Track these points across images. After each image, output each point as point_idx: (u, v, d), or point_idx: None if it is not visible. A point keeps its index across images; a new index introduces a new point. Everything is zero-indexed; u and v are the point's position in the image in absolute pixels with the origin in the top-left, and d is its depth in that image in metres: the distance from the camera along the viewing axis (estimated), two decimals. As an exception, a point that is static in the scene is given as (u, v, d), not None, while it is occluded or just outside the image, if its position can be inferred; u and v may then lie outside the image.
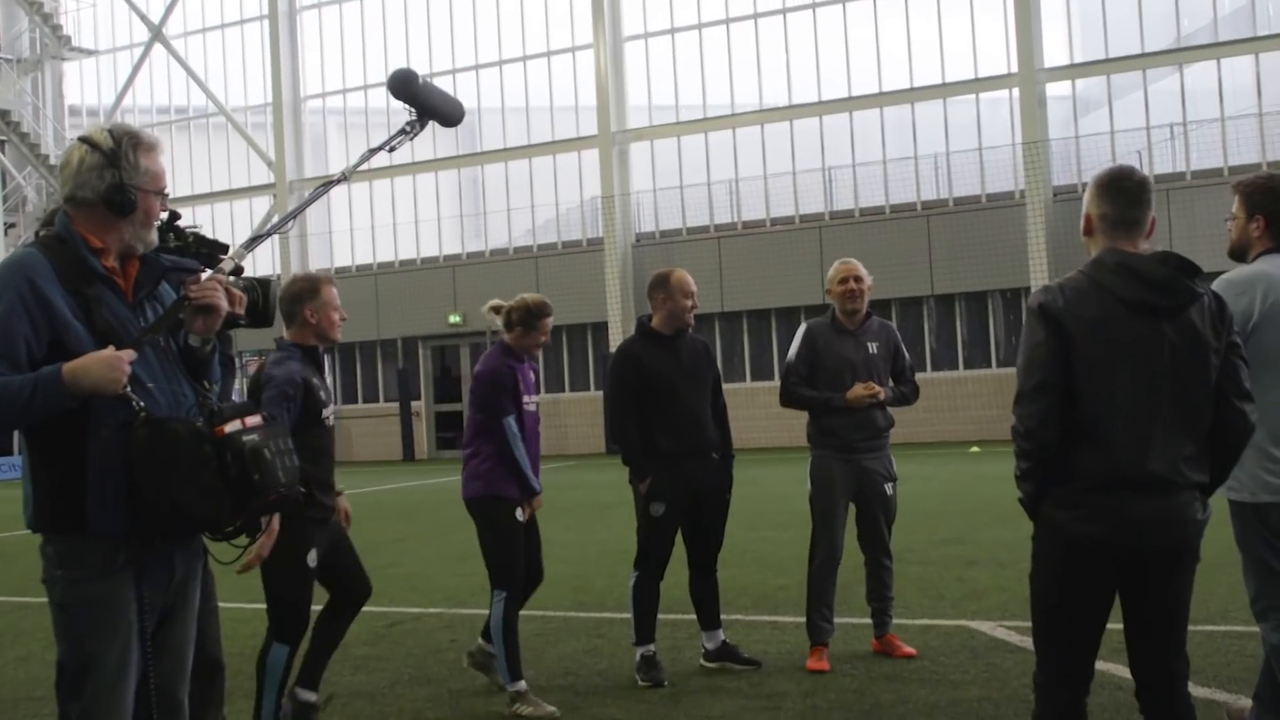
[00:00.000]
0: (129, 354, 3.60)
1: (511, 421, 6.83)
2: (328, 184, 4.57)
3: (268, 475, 3.64)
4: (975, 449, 26.41)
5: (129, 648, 3.67)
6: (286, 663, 5.99)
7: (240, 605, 10.45)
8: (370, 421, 36.54)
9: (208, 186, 39.82)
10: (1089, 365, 4.01)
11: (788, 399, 7.62)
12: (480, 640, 7.22)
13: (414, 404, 35.93)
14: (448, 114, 4.84)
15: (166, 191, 3.88)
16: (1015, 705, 6.20)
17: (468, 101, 36.17)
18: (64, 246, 3.72)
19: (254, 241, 4.36)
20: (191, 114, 41.39)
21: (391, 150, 4.79)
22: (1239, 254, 5.14)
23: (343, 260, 38.24)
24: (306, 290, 6.13)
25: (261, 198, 39.52)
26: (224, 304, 3.86)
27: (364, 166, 4.50)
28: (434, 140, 36.67)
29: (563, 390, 33.53)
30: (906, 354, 7.88)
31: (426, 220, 37.14)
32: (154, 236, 3.84)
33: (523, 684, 6.69)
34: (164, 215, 4.38)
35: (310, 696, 6.25)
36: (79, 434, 3.61)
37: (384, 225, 37.65)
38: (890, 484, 7.65)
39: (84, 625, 3.65)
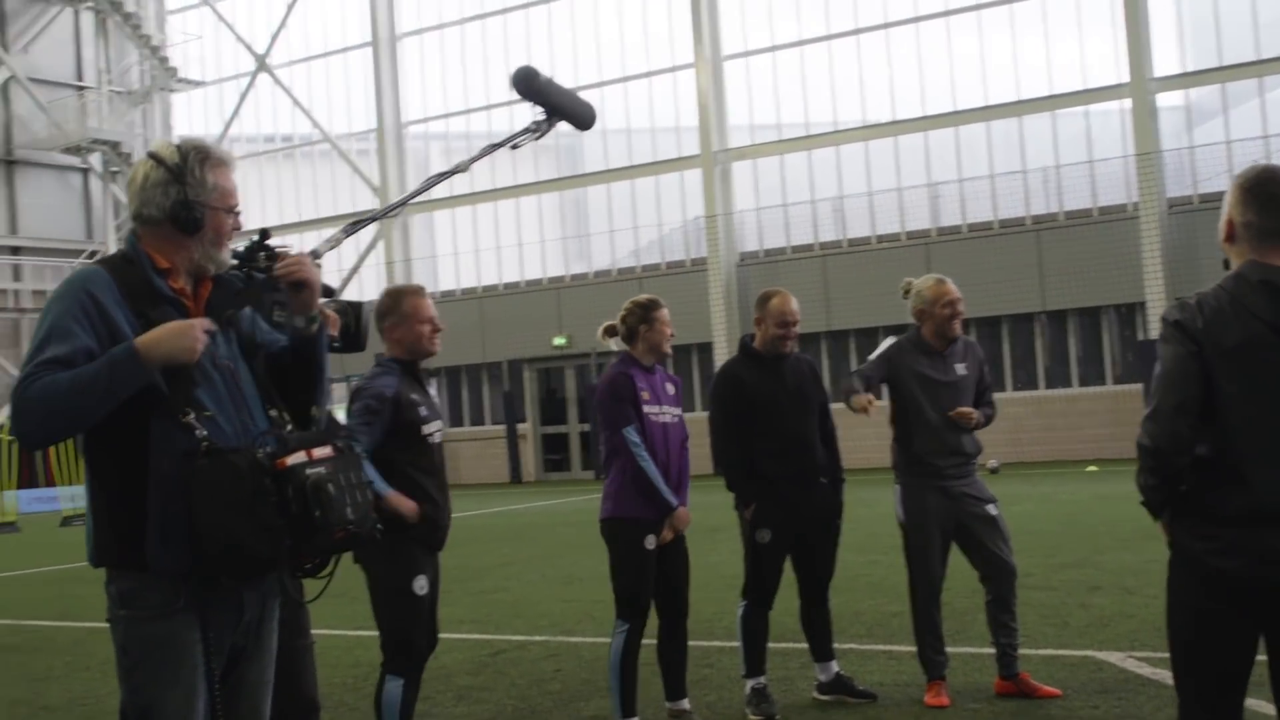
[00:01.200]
0: (205, 322, 3.45)
1: (632, 431, 6.49)
2: (440, 175, 4.41)
3: (332, 511, 3.40)
4: (1092, 468, 25.76)
5: (193, 692, 3.46)
6: (403, 696, 5.69)
7: (344, 632, 10.37)
8: (477, 444, 36.59)
9: (314, 213, 40.19)
10: (1229, 394, 3.70)
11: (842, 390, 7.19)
12: (668, 703, 6.82)
13: (520, 426, 35.91)
14: (577, 114, 4.64)
15: (239, 209, 3.69)
16: (1151, 744, 5.84)
17: (568, 125, 36.56)
18: (130, 266, 3.56)
19: (355, 226, 4.20)
20: (297, 141, 41.86)
21: (515, 147, 4.61)
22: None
23: (448, 284, 38.36)
24: (388, 306, 5.90)
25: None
26: (314, 275, 3.68)
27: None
28: (535, 163, 36.72)
29: (689, 410, 33.26)
30: (989, 375, 7.51)
31: (530, 243, 37.15)
32: (227, 256, 3.65)
33: None
34: (255, 236, 4.23)
35: None
36: (139, 465, 3.42)
37: (488, 248, 37.74)
38: (992, 504, 7.16)
39: (145, 668, 3.45)
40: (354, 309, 4.74)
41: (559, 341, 34.82)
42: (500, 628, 10.15)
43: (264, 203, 39.95)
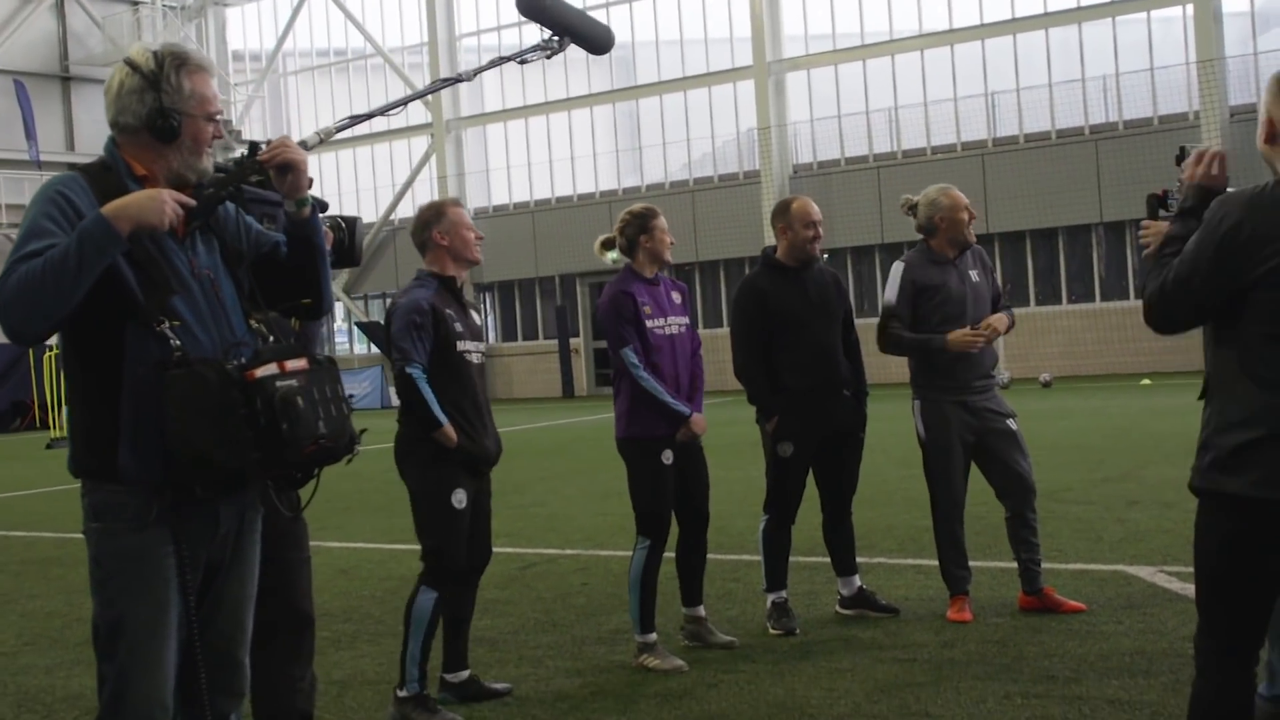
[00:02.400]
0: (175, 194, 3.40)
1: (629, 352, 6.39)
2: (445, 80, 4.35)
3: (301, 425, 3.34)
4: (1146, 381, 25.48)
5: (166, 605, 3.43)
6: (434, 610, 5.67)
7: (379, 546, 10.44)
8: (529, 359, 36.69)
9: (366, 128, 40.06)
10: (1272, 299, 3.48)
11: (886, 344, 7.03)
12: (684, 609, 6.76)
13: (573, 341, 35.94)
14: (592, 38, 4.55)
15: (219, 116, 3.62)
16: (1171, 661, 5.75)
17: (621, 35, 35.91)
18: (107, 173, 3.50)
19: (353, 120, 4.16)
20: (350, 56, 41.71)
21: (523, 63, 4.53)
22: None
23: (500, 199, 38.31)
24: (431, 215, 5.83)
25: (420, 137, 39.71)
26: (300, 157, 3.60)
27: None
28: (588, 75, 36.44)
29: (720, 326, 33.17)
30: (998, 279, 7.36)
31: (582, 156, 36.96)
32: (208, 164, 3.58)
33: (652, 636, 6.38)
34: (244, 150, 4.18)
35: (462, 675, 5.96)
36: (114, 374, 3.39)
37: (540, 162, 37.59)
38: (1011, 419, 7.02)
39: (117, 581, 3.42)
40: (348, 223, 4.68)
41: (612, 256, 34.62)
42: (533, 541, 10.17)
43: (317, 117, 39.94)
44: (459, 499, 5.67)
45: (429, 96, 37.76)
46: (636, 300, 6.44)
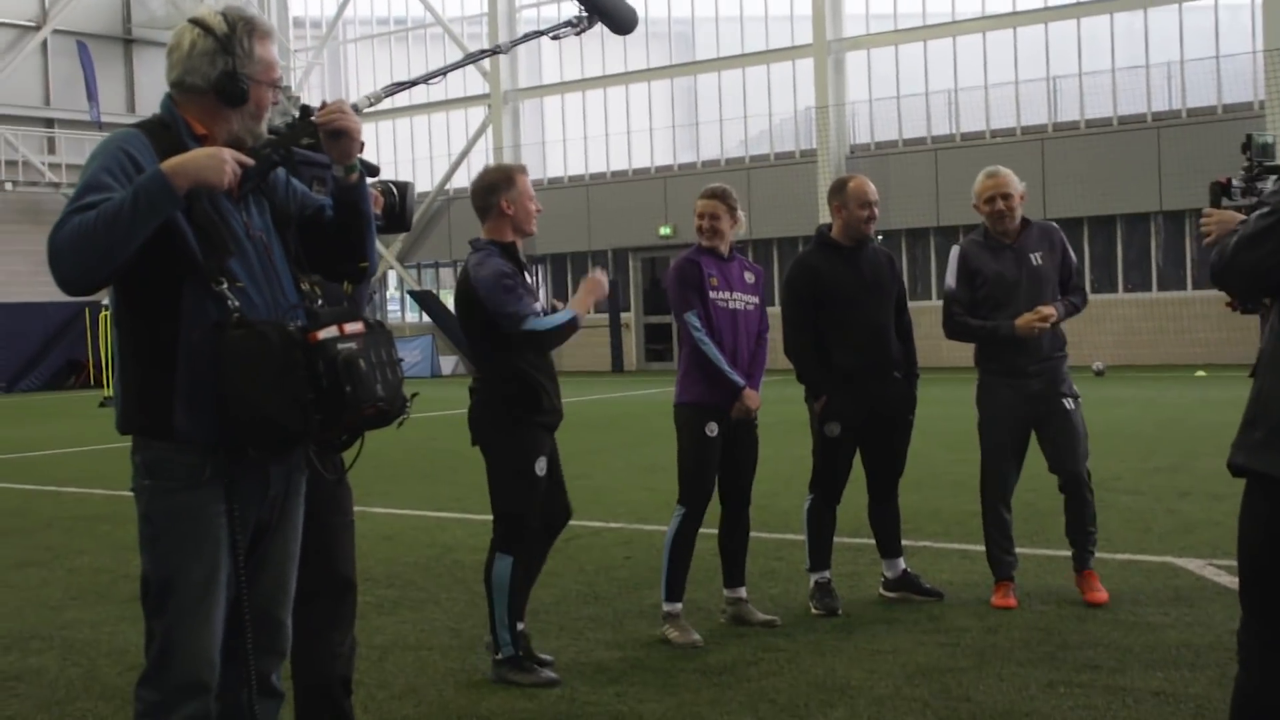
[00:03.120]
0: (235, 153, 3.40)
1: (693, 316, 6.40)
2: (483, 51, 4.36)
3: (362, 387, 3.37)
4: (1201, 373, 25.20)
5: (217, 565, 3.44)
6: (513, 574, 5.72)
7: (425, 513, 10.48)
8: (580, 333, 36.29)
9: (425, 97, 40.13)
10: None
11: (951, 330, 7.00)
12: (725, 590, 6.76)
13: (624, 315, 35.93)
14: (617, 16, 4.55)
15: (281, 83, 3.63)
16: (1218, 654, 5.69)
17: (681, 11, 35.71)
18: (165, 131, 3.50)
19: (397, 87, 4.16)
20: (410, 24, 41.75)
21: (555, 39, 4.53)
22: None
23: (555, 171, 38.29)
24: (501, 180, 5.83)
25: (477, 108, 39.73)
26: (354, 123, 3.60)
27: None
28: (647, 50, 36.35)
29: (772, 304, 33.08)
30: (1073, 257, 7.15)
31: (639, 131, 36.89)
32: (264, 129, 3.59)
33: (678, 606, 6.39)
34: (296, 112, 4.18)
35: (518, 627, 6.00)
36: (170, 333, 3.39)
37: (596, 136, 37.54)
38: (1068, 399, 6.89)
39: (169, 539, 3.43)
40: (399, 188, 4.67)
41: (665, 231, 34.66)
42: (578, 514, 9.97)
43: (375, 85, 39.95)
44: (541, 466, 5.75)
45: (486, 68, 37.84)
46: (703, 270, 6.45)
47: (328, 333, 3.39)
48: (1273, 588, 3.56)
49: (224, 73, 3.48)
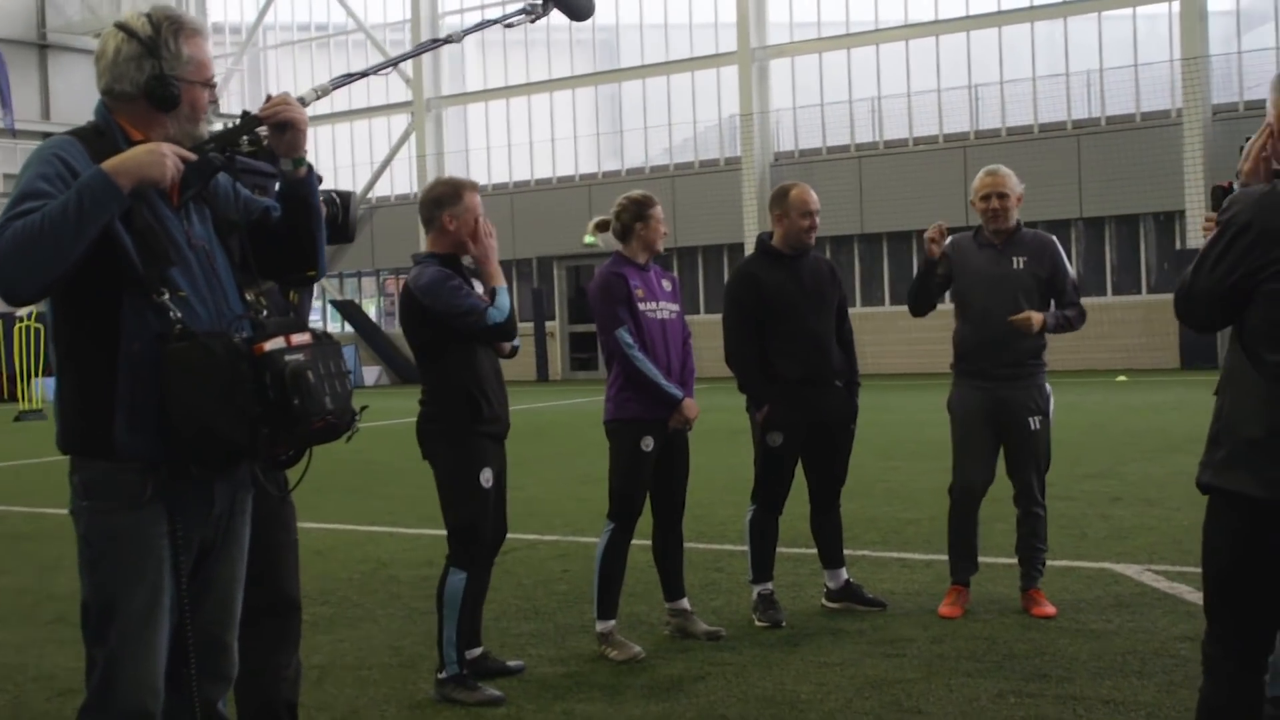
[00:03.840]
0: (175, 148, 3.29)
1: (624, 332, 6.30)
2: (435, 41, 4.30)
3: (311, 400, 3.25)
4: (1122, 378, 25.50)
5: (160, 587, 3.31)
6: (466, 589, 5.63)
7: (355, 528, 10.32)
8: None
9: (346, 104, 39.83)
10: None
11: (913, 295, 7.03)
12: (667, 603, 6.66)
13: (548, 324, 35.80)
14: (574, 4, 4.47)
15: (215, 81, 3.51)
16: (1164, 661, 5.69)
17: (605, 18, 35.63)
18: (101, 138, 3.37)
19: (346, 79, 4.06)
20: (331, 30, 41.40)
21: (508, 26, 4.46)
22: None
23: (479, 179, 38.06)
24: (448, 195, 5.72)
25: (400, 116, 39.47)
26: (301, 115, 3.51)
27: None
28: (571, 57, 36.28)
29: (698, 312, 33.06)
30: (1071, 271, 6.98)
31: (563, 139, 36.79)
32: (203, 130, 3.46)
33: (611, 624, 6.30)
34: (225, 122, 4.06)
35: (476, 652, 5.91)
36: (110, 346, 3.26)
37: (520, 144, 37.40)
38: (1035, 417, 6.82)
39: (109, 561, 3.30)
40: (342, 198, 4.55)
41: (589, 240, 34.34)
42: (512, 526, 9.92)
43: (297, 92, 39.54)
44: (486, 477, 5.67)
45: (411, 74, 37.59)
46: (629, 282, 6.35)
47: (274, 344, 3.27)
48: (1241, 602, 3.55)
49: (152, 76, 3.36)
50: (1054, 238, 7.12)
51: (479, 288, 5.77)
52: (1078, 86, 29.77)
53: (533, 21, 4.25)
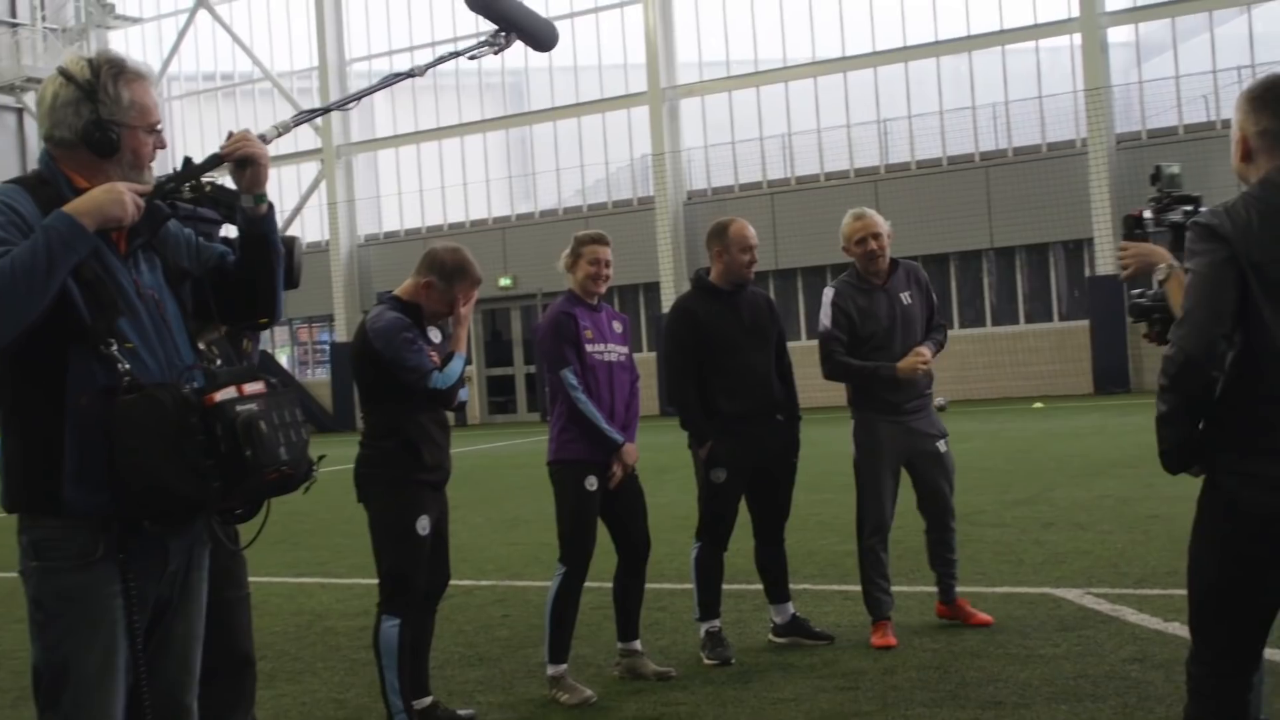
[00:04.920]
0: (133, 185, 3.23)
1: (569, 373, 6.25)
2: (397, 75, 4.23)
3: (264, 450, 3.16)
4: (1039, 405, 25.79)
5: (114, 649, 3.20)
6: (400, 637, 5.54)
7: (285, 580, 10.14)
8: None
9: (255, 153, 39.37)
10: (1267, 310, 3.43)
11: (831, 370, 7.05)
12: (619, 643, 6.61)
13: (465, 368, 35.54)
14: (538, 34, 4.43)
15: (160, 127, 3.42)
16: (1116, 684, 5.70)
17: (514, 61, 35.64)
18: (45, 187, 3.27)
19: (308, 115, 3.99)
20: (237, 80, 41.07)
21: (472, 58, 4.41)
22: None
23: (391, 224, 37.94)
24: (452, 269, 5.70)
25: (309, 163, 39.17)
26: (262, 151, 3.46)
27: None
28: (481, 101, 36.27)
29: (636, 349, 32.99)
30: (934, 295, 7.34)
31: (475, 182, 36.72)
32: (148, 179, 3.37)
33: (563, 668, 6.22)
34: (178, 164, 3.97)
35: (425, 701, 5.80)
36: (56, 400, 3.16)
37: (433, 188, 37.25)
38: (942, 440, 7.11)
39: (61, 624, 3.18)
40: (287, 244, 4.44)
41: (504, 282, 34.49)
42: (447, 572, 9.92)
43: (204, 142, 39.22)
44: (423, 525, 5.58)
45: (320, 121, 37.34)
46: (578, 322, 6.31)
47: (225, 394, 3.18)
48: (1231, 618, 3.56)
49: (89, 122, 3.27)
50: (918, 264, 7.40)
51: (437, 336, 5.72)
52: (984, 119, 30.22)
53: (496, 53, 4.21)
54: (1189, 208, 4.41)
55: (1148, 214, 4.38)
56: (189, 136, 41.22)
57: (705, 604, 6.79)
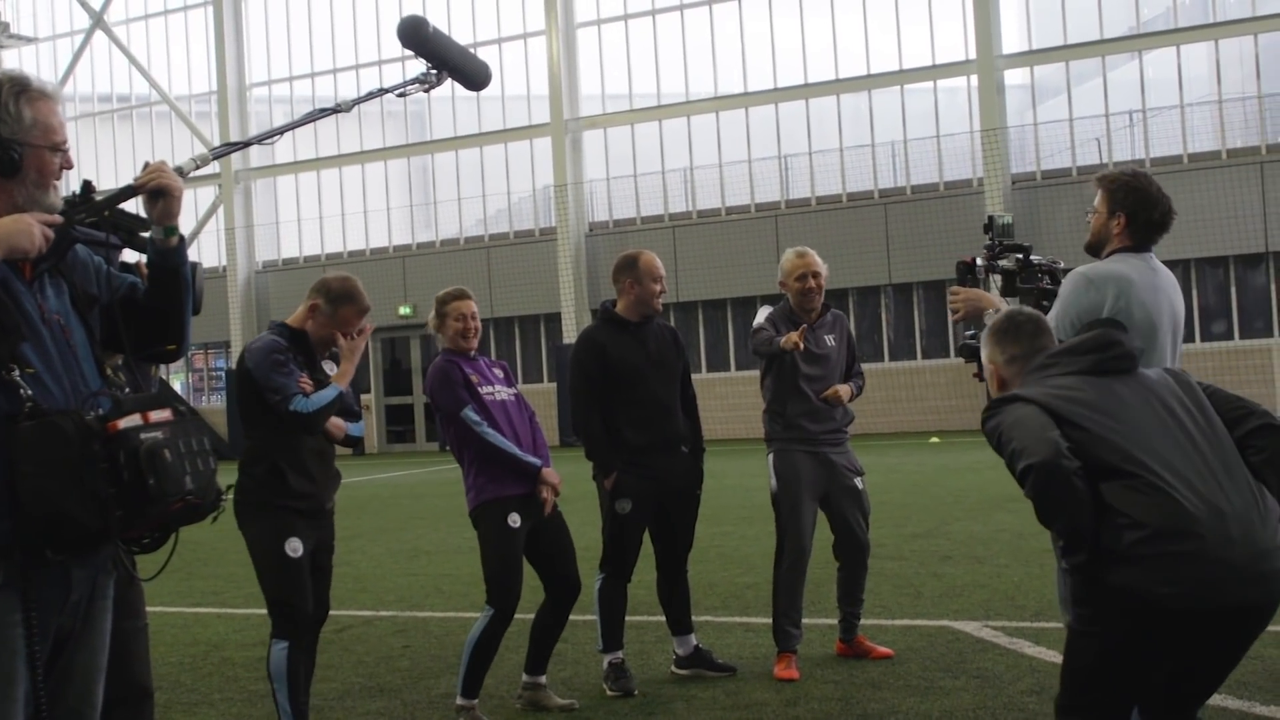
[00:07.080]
0: (42, 215, 3.17)
1: (469, 412, 6.23)
2: (322, 111, 4.19)
3: (168, 479, 3.11)
4: (935, 439, 26.10)
5: (13, 680, 3.12)
6: (290, 660, 5.55)
7: (180, 610, 9.96)
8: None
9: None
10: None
11: (758, 347, 7.14)
12: (525, 675, 6.54)
13: (363, 397, 35.28)
14: (470, 72, 4.42)
15: (65, 146, 3.36)
16: (1014, 715, 5.78)
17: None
18: None
19: (231, 147, 3.94)
20: (134, 102, 40.48)
21: (401, 95, 4.38)
22: (1095, 249, 4.96)
23: (290, 252, 37.54)
24: (345, 296, 5.86)
25: (206, 188, 38.64)
26: (176, 183, 3.39)
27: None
28: (383, 129, 36.08)
29: (525, 381, 32.93)
30: (856, 350, 7.57)
31: (376, 210, 36.46)
32: (54, 199, 3.31)
33: (474, 702, 6.19)
34: (76, 188, 3.90)
35: None
36: None
37: (332, 216, 36.94)
38: (859, 478, 7.28)
39: None
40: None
41: (404, 311, 34.27)
42: (345, 603, 9.80)
43: (98, 165, 38.60)
44: (293, 547, 5.58)
45: (217, 144, 36.86)
46: (463, 368, 6.33)
47: (129, 421, 3.12)
48: (1106, 702, 3.62)
49: None
50: (843, 314, 7.57)
51: (331, 369, 5.73)
52: (883, 157, 30.59)
53: (427, 91, 4.20)
54: (1020, 255, 4.76)
55: (979, 260, 4.65)
56: (84, 158, 40.62)
57: (608, 635, 6.78)
